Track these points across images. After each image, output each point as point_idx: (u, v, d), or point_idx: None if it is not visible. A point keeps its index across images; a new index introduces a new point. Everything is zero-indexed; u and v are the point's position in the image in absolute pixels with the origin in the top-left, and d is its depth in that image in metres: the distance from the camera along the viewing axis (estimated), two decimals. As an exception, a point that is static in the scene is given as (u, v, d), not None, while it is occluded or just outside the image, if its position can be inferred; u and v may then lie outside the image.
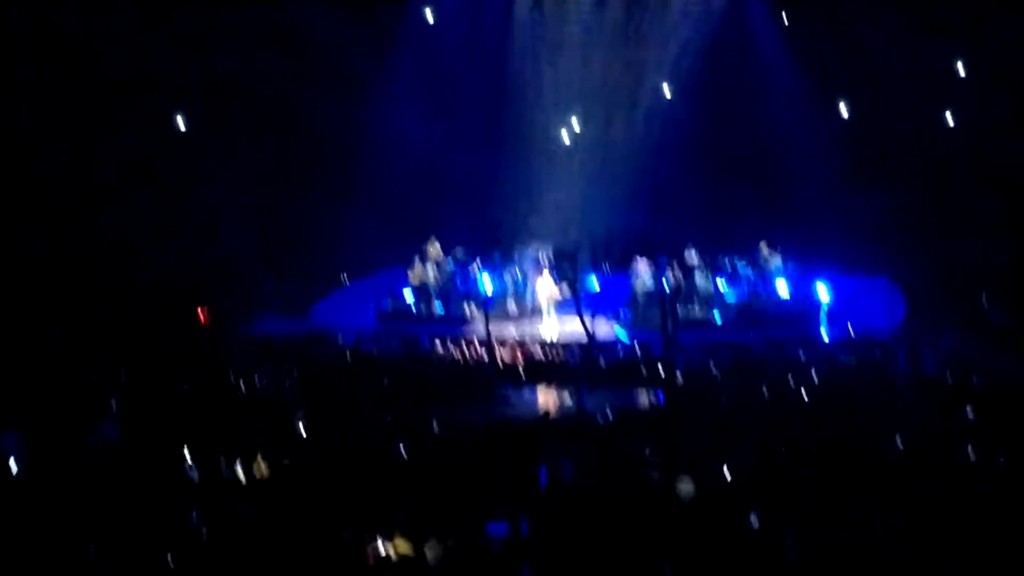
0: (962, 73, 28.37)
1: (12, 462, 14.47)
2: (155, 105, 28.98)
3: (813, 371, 20.46)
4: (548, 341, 25.14)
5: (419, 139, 29.66)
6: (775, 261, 26.89)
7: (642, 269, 26.62)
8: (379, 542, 11.19)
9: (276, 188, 29.47)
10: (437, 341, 24.95)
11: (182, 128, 28.95)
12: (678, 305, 25.55)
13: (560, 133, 30.97)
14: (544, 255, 27.96)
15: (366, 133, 29.64)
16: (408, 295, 27.25)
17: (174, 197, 28.75)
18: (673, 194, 29.21)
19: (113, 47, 28.30)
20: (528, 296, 27.50)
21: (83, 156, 27.70)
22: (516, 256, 28.07)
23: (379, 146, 29.57)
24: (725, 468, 13.75)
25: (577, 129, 30.98)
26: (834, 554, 10.75)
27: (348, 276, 30.20)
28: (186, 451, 14.82)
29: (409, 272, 27.44)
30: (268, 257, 28.97)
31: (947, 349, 21.98)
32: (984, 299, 25.63)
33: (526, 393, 21.24)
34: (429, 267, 27.48)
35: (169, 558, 10.92)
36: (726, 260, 27.41)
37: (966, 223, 26.93)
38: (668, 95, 30.67)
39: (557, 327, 26.30)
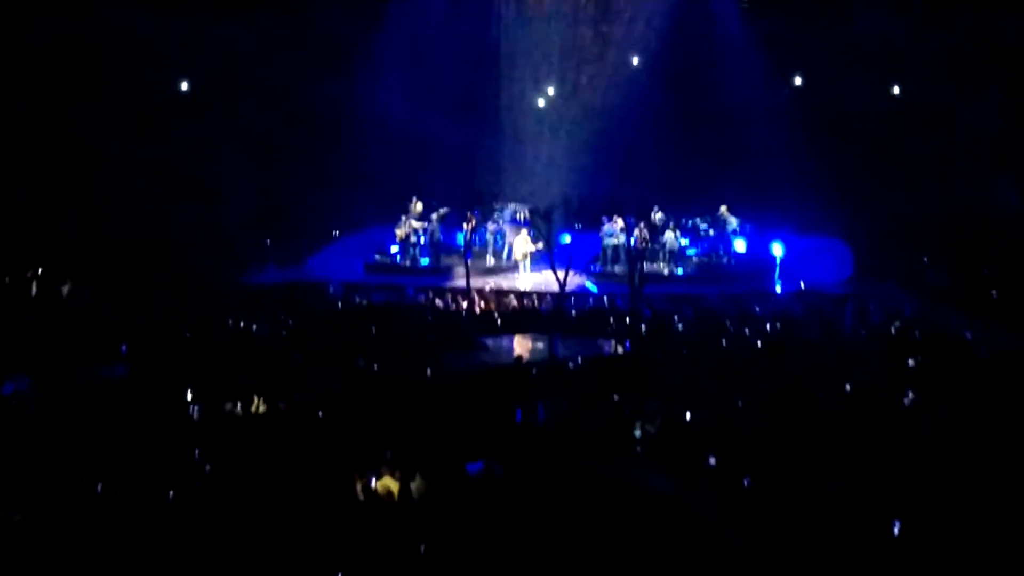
0: (906, 47, 28.22)
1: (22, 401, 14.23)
2: (160, 76, 29.01)
3: (767, 323, 20.42)
4: (523, 292, 25.02)
5: (408, 110, 29.34)
6: (733, 222, 26.91)
7: (612, 227, 26.65)
8: (368, 479, 11.01)
9: (275, 155, 29.23)
10: (420, 291, 24.83)
11: (186, 98, 29.14)
12: (644, 261, 25.50)
13: (537, 104, 30.96)
14: (521, 214, 28.07)
15: (359, 105, 29.36)
16: (394, 249, 27.24)
17: (179, 163, 28.32)
18: (641, 160, 29.17)
19: (118, 22, 27.89)
20: (506, 251, 27.50)
21: (94, 125, 27.29)
22: (496, 215, 28.14)
23: (371, 116, 29.22)
24: (687, 412, 13.61)
25: (553, 100, 30.95)
26: (787, 490, 10.65)
27: (340, 233, 30.05)
28: (188, 393, 14.58)
29: (396, 229, 27.29)
30: (267, 216, 28.69)
31: (891, 303, 21.96)
32: (924, 260, 25.76)
33: (502, 340, 21.06)
34: (414, 223, 27.30)
35: (170, 492, 10.70)
36: (689, 221, 27.51)
37: (910, 189, 26.83)
38: (637, 70, 30.54)
39: (532, 279, 26.25)
